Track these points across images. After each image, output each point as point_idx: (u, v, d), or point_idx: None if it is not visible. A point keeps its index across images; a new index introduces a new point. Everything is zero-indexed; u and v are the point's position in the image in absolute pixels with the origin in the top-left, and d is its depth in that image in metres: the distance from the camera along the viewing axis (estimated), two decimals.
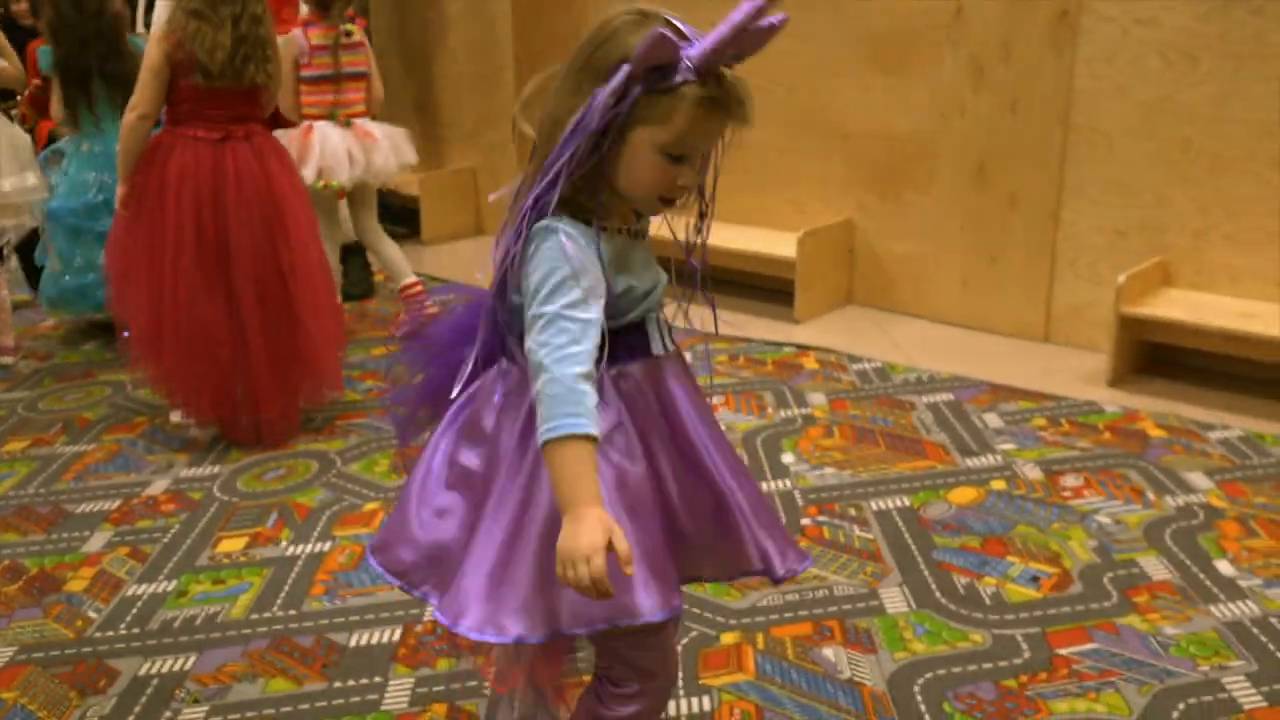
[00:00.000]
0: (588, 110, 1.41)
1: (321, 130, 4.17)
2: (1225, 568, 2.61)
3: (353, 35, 4.27)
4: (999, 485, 3.05)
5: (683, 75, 1.40)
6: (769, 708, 2.18)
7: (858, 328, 4.43)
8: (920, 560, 2.69)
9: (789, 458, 3.27)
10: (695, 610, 2.50)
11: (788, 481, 3.12)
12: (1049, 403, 3.60)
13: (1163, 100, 3.75)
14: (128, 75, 4.18)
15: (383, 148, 4.26)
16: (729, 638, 2.40)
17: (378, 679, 2.31)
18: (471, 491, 1.60)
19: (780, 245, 4.54)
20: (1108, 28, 3.82)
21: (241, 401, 3.41)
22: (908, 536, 2.80)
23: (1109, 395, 3.64)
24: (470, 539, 1.57)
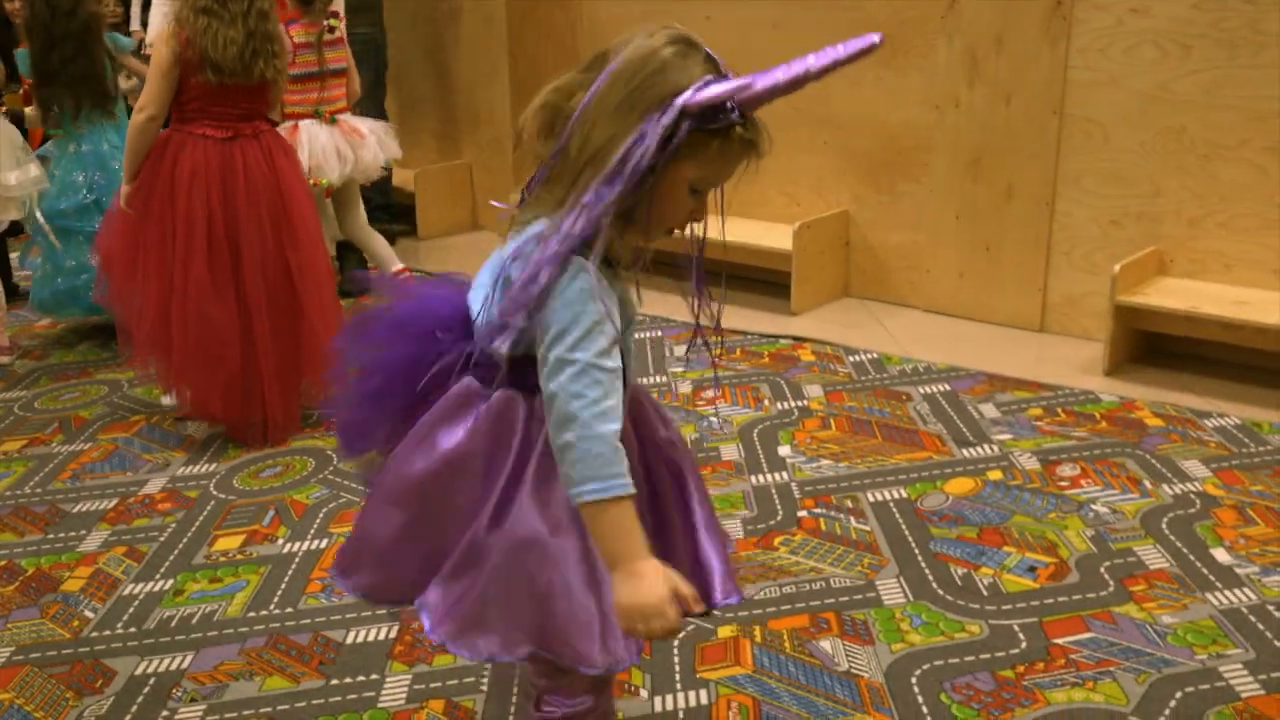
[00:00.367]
0: (641, 146, 1.37)
1: (309, 129, 4.17)
2: (1222, 556, 2.61)
3: (335, 31, 4.26)
4: (995, 475, 3.05)
5: (732, 116, 1.41)
6: (766, 701, 2.18)
7: (854, 319, 4.42)
8: (917, 551, 2.69)
9: (785, 450, 3.27)
10: None
11: (784, 474, 3.12)
12: (1045, 392, 3.60)
13: (1157, 89, 3.75)
14: (95, 77, 4.19)
15: (370, 144, 4.26)
16: (726, 631, 2.40)
17: (374, 676, 2.31)
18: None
19: (776, 237, 4.53)
20: (1101, 17, 3.81)
21: (248, 401, 3.42)
22: (904, 528, 2.80)
23: (1105, 384, 3.64)
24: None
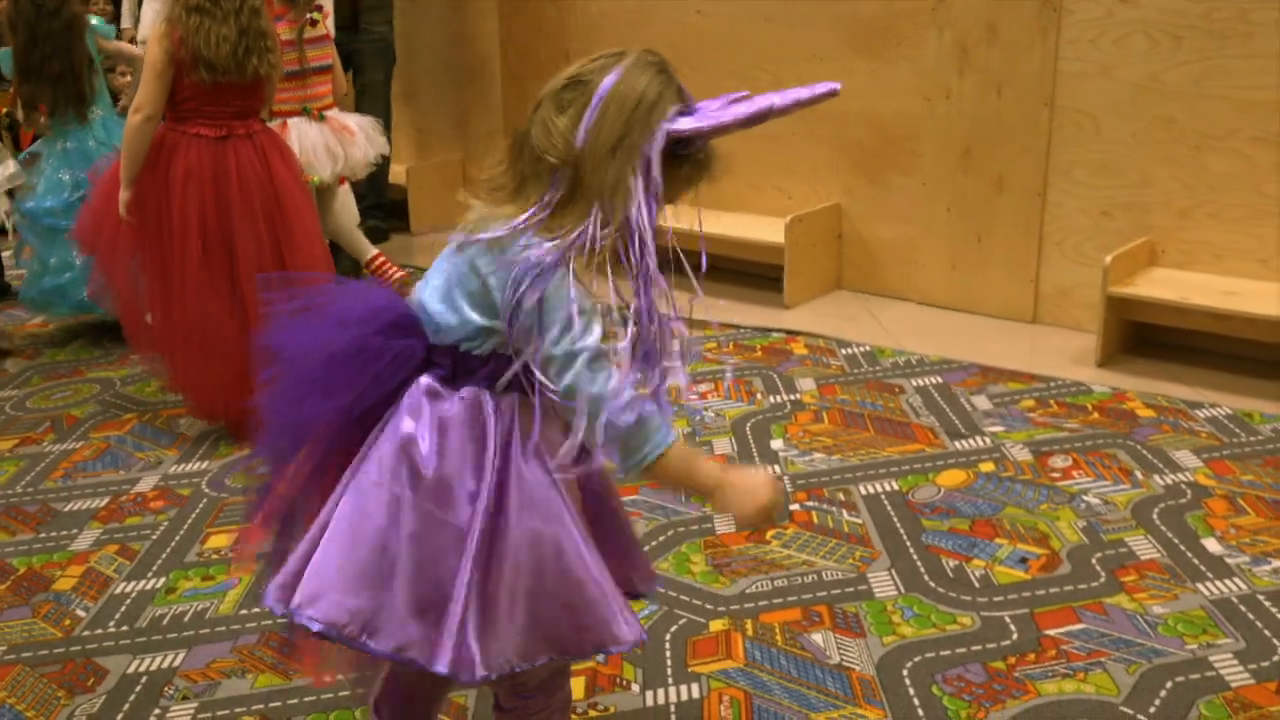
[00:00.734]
0: (652, 183, 1.49)
1: (298, 126, 4.15)
2: (1213, 546, 2.62)
3: (317, 26, 4.23)
4: (987, 467, 3.06)
5: (697, 144, 1.55)
6: (758, 694, 2.18)
7: (846, 312, 4.42)
8: (909, 544, 2.69)
9: (778, 443, 3.27)
10: (684, 598, 2.50)
11: (777, 467, 3.12)
12: (1037, 384, 3.60)
13: (1147, 80, 3.75)
14: (73, 77, 4.18)
15: (360, 141, 4.25)
16: (718, 625, 2.41)
17: (367, 673, 2.30)
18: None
19: (768, 231, 4.53)
20: (1092, 8, 3.81)
21: (248, 399, 3.41)
22: (896, 520, 2.81)
23: (1097, 375, 3.65)
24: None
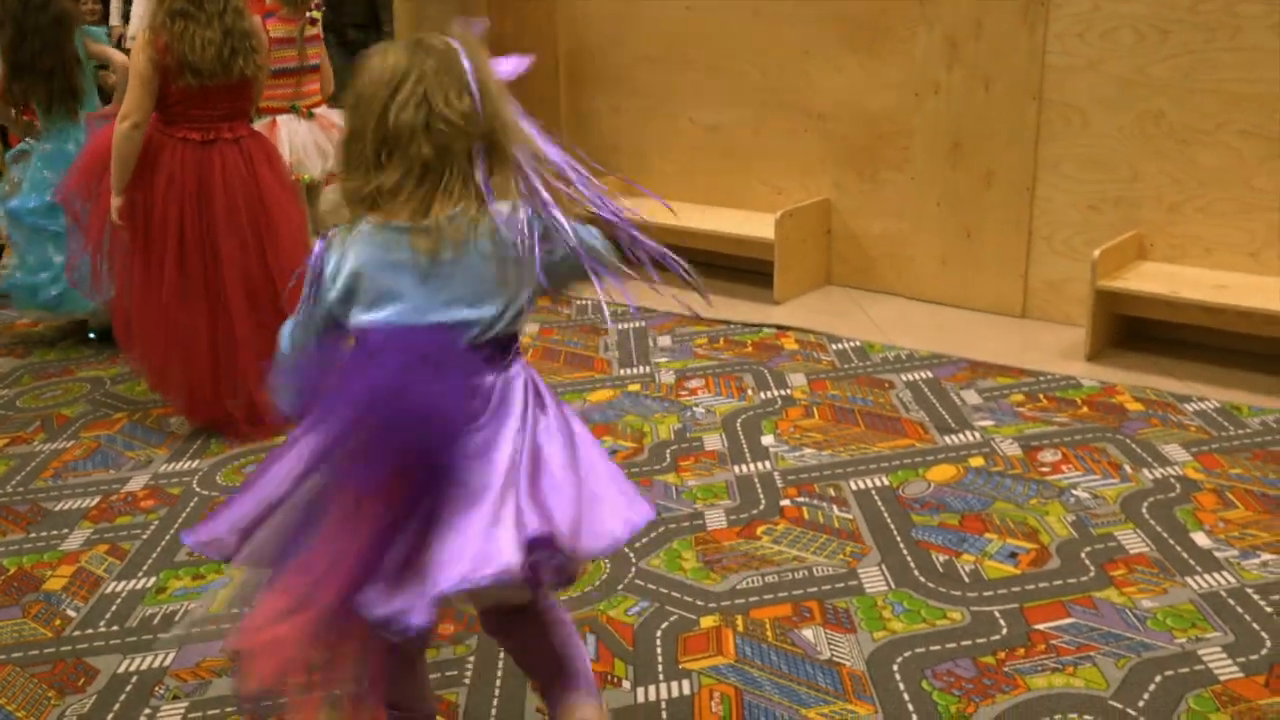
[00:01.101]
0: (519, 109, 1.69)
1: (288, 124, 4.15)
2: (1202, 540, 2.63)
3: (316, 25, 4.24)
4: (977, 462, 3.06)
5: None
6: (749, 690, 2.18)
7: (837, 307, 4.43)
8: (899, 539, 2.70)
9: (769, 439, 3.27)
10: (675, 595, 2.51)
11: (767, 463, 3.12)
12: (1027, 378, 3.61)
13: (1135, 74, 3.76)
14: (65, 73, 4.16)
15: None
16: (708, 621, 2.41)
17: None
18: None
19: (758, 226, 4.54)
20: (1079, 2, 3.81)
21: (234, 402, 3.42)
22: (887, 516, 2.81)
23: (1086, 369, 3.66)
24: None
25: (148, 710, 2.23)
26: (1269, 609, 2.35)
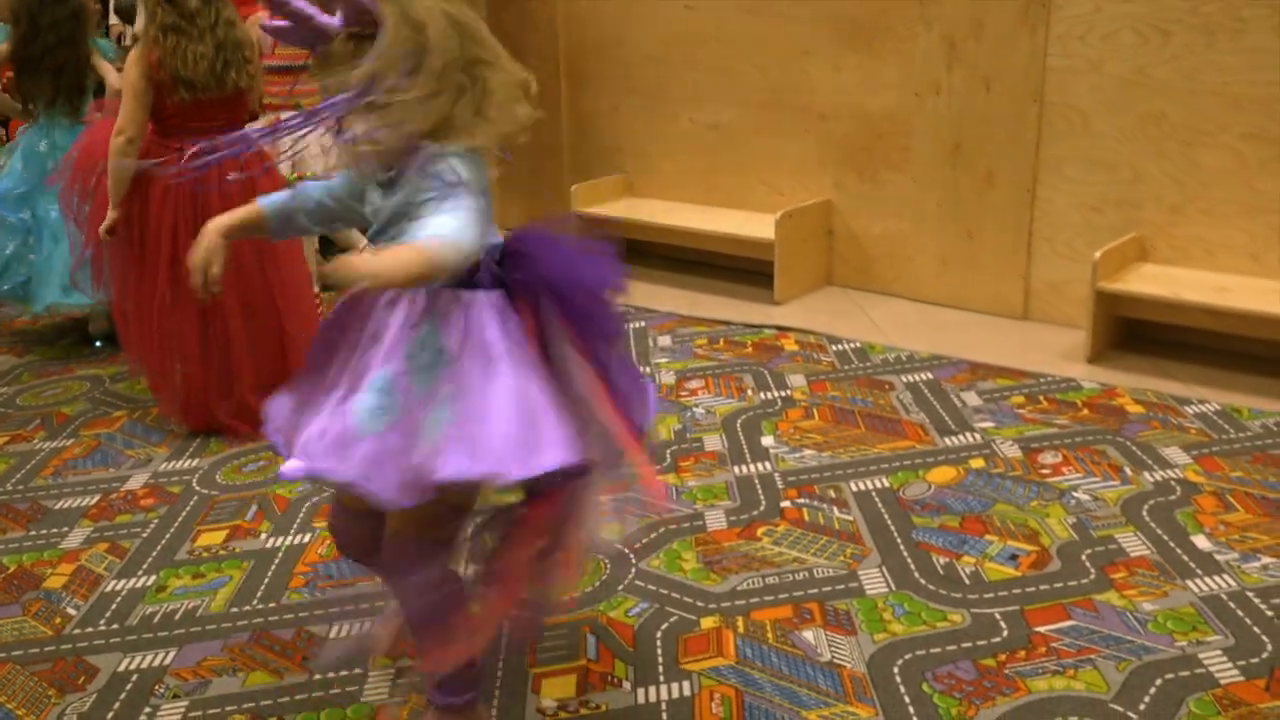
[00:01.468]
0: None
1: None
2: (1202, 542, 2.62)
3: None
4: (978, 464, 3.06)
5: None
6: (749, 692, 2.18)
7: (837, 308, 4.43)
8: (899, 541, 2.70)
9: (769, 440, 3.27)
10: (675, 595, 2.51)
11: (767, 464, 3.12)
12: (1027, 380, 3.61)
13: (1136, 75, 3.76)
14: (77, 68, 4.15)
15: None
16: (709, 622, 2.41)
17: (358, 671, 2.31)
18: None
19: (758, 227, 4.54)
20: (1080, 3, 3.81)
21: (225, 406, 3.42)
22: (887, 517, 2.81)
23: (1087, 371, 3.66)
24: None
25: (148, 709, 2.23)
26: (1269, 612, 2.35)
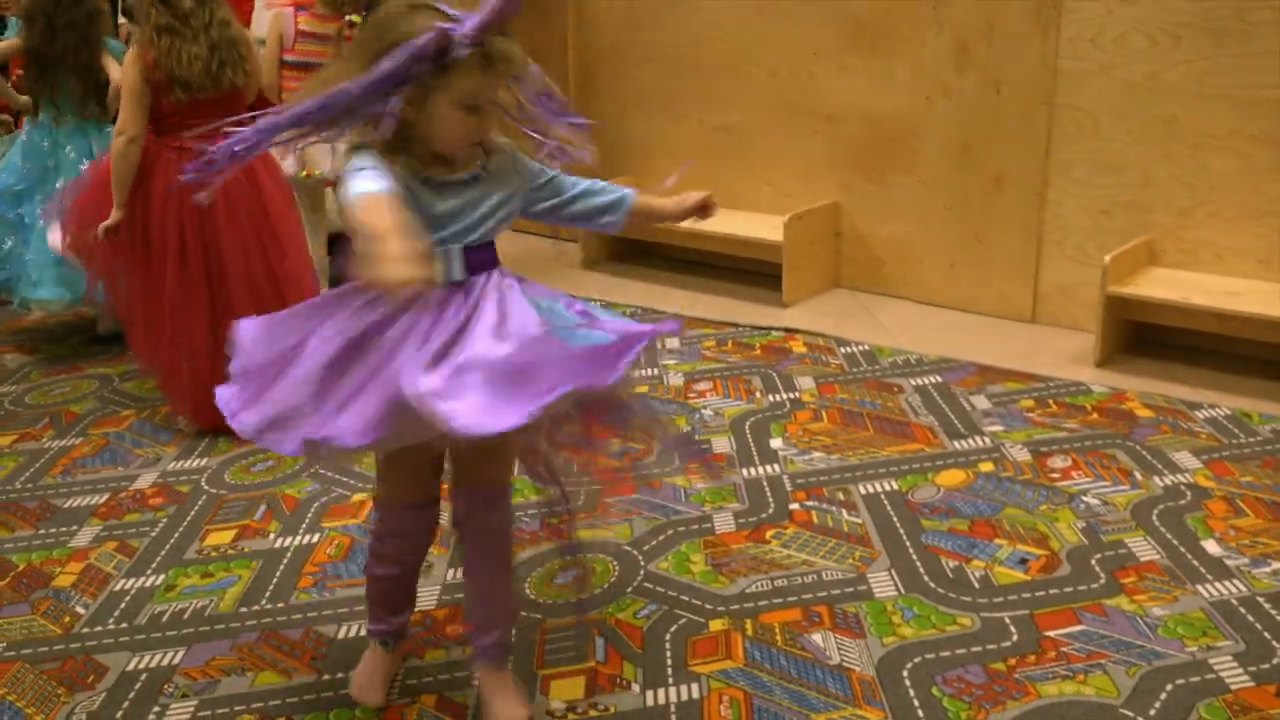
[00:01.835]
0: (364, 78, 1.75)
1: None
2: (1213, 547, 2.62)
3: (355, 27, 4.24)
4: (987, 467, 3.06)
5: (460, 50, 1.73)
6: (758, 694, 2.18)
7: (845, 310, 4.42)
8: (909, 544, 2.69)
9: (777, 443, 3.27)
10: (684, 598, 2.51)
11: (776, 466, 3.12)
12: (1037, 384, 3.61)
13: (1147, 79, 3.75)
14: (94, 69, 4.15)
15: None
16: (717, 625, 2.41)
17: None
18: None
19: (767, 229, 4.53)
20: (1091, 7, 3.81)
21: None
22: (896, 520, 2.81)
23: (1096, 375, 3.65)
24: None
25: (157, 708, 2.23)
26: None
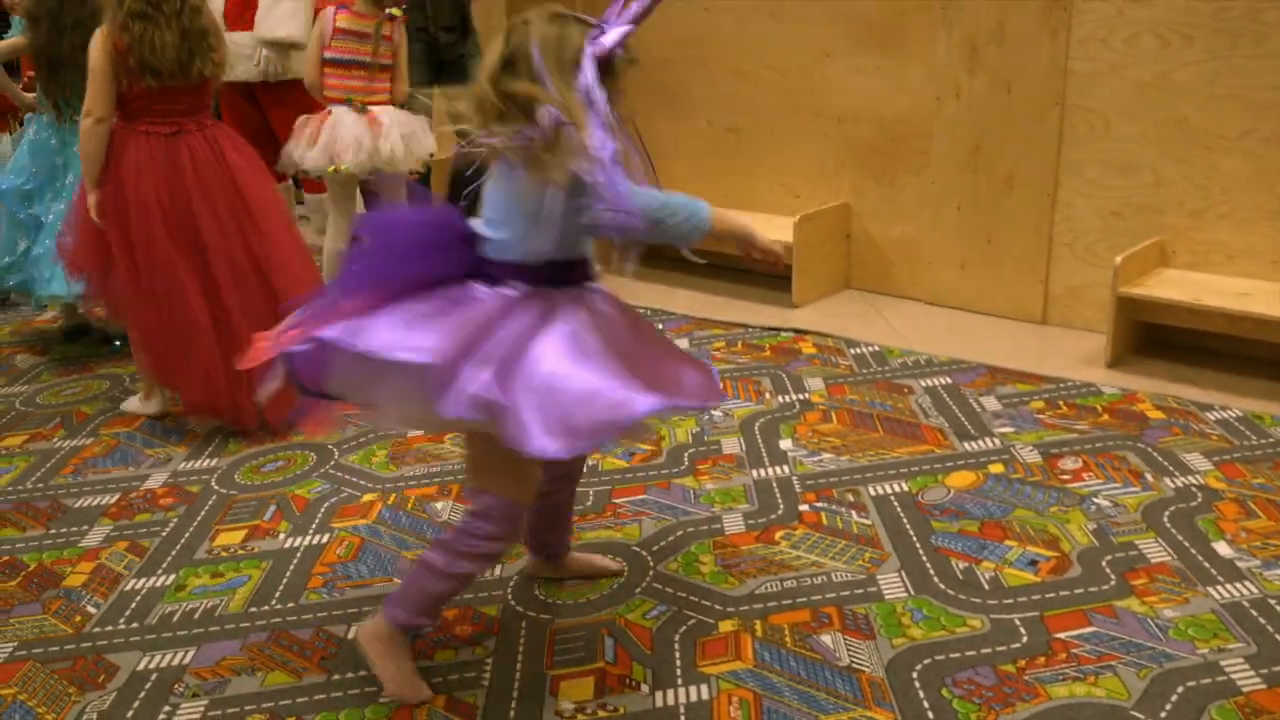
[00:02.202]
0: (592, 93, 1.86)
1: (337, 114, 4.24)
2: (1224, 549, 2.61)
3: (395, 24, 4.27)
4: (997, 469, 3.05)
5: (619, 52, 1.92)
6: (767, 696, 2.18)
7: (855, 311, 4.42)
8: (918, 545, 2.69)
9: (787, 444, 3.27)
10: (693, 599, 2.50)
11: (786, 468, 3.12)
12: (1047, 385, 3.60)
13: (1158, 79, 3.74)
14: None
15: (391, 135, 4.24)
16: (727, 625, 2.40)
17: (376, 671, 2.31)
18: None
19: (776, 230, 4.52)
20: (1102, 7, 3.80)
21: (236, 386, 3.40)
22: (906, 522, 2.80)
23: (1107, 377, 3.64)
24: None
25: (167, 707, 2.23)
26: None
